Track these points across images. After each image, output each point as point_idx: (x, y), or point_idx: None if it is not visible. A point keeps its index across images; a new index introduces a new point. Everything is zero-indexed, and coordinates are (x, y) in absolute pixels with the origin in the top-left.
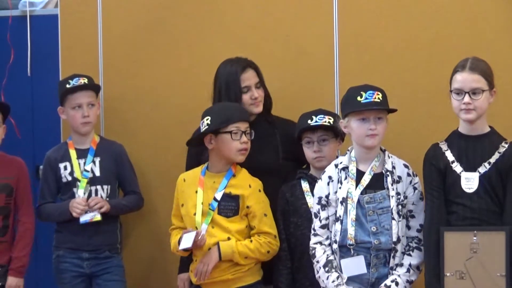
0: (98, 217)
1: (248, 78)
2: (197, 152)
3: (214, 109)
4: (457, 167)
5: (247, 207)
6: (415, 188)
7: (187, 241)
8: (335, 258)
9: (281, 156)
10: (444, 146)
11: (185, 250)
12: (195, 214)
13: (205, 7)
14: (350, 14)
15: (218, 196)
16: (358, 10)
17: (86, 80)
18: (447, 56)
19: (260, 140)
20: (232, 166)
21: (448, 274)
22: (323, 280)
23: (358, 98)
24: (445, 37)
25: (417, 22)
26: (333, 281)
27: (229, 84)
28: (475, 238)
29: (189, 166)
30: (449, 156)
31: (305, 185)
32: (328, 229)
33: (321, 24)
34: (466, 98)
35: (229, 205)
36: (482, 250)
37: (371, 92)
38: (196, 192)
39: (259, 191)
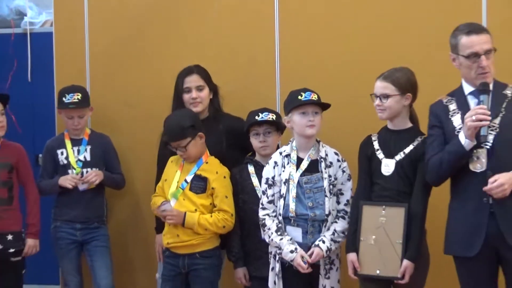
0: (93, 185)
1: (190, 81)
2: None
3: (164, 125)
4: (379, 154)
5: (212, 188)
6: (343, 171)
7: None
8: (283, 227)
9: (226, 146)
10: (374, 137)
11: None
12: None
13: (171, 25)
14: (289, 28)
15: (189, 178)
16: (296, 25)
17: (79, 96)
18: (374, 65)
19: (206, 134)
20: (203, 156)
21: (362, 239)
22: (276, 242)
23: (299, 97)
24: (374, 47)
25: (350, 32)
26: (288, 240)
27: (176, 85)
28: (383, 211)
29: (160, 166)
30: (376, 145)
31: (251, 168)
32: (273, 204)
33: (265, 37)
34: (377, 101)
35: (199, 184)
36: (388, 221)
37: (309, 92)
38: (177, 171)
39: (224, 177)
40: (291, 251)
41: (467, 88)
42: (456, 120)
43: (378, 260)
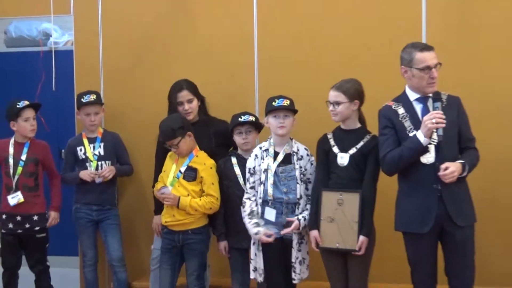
0: (107, 179)
1: (182, 96)
2: (163, 153)
3: (159, 128)
4: (335, 149)
5: (201, 177)
6: (311, 163)
7: (165, 189)
8: (257, 210)
9: (215, 145)
10: (329, 135)
11: (162, 193)
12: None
13: (170, 45)
14: (265, 48)
15: (182, 169)
16: (271, 45)
17: (94, 96)
18: (334, 77)
19: (199, 135)
20: (194, 150)
21: (322, 219)
22: (246, 223)
23: (273, 103)
24: (334, 63)
25: (315, 52)
26: (252, 224)
27: (170, 99)
28: (341, 196)
29: (158, 160)
30: (331, 142)
31: (234, 160)
32: (254, 189)
33: (245, 55)
34: (331, 107)
35: (190, 174)
36: (344, 204)
37: (282, 99)
38: (173, 164)
39: (211, 168)
40: (256, 233)
41: (412, 95)
42: (407, 123)
43: (337, 235)
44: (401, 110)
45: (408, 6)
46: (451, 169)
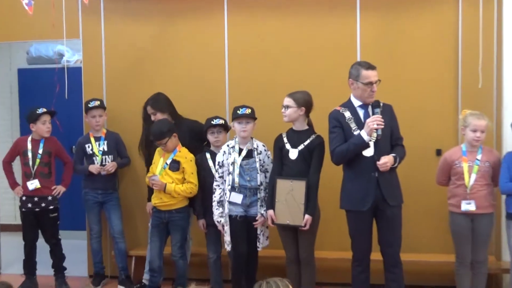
0: (109, 172)
1: (148, 110)
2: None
3: (150, 130)
4: (287, 146)
5: (183, 167)
6: (268, 157)
7: (154, 177)
8: (224, 197)
9: (189, 140)
10: (283, 135)
11: (152, 180)
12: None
13: (161, 63)
14: (235, 65)
15: (168, 161)
16: (239, 63)
17: (99, 102)
18: (291, 89)
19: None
20: (177, 147)
21: (277, 201)
22: (213, 208)
23: (238, 111)
24: (292, 77)
25: (277, 68)
26: (218, 213)
27: (143, 110)
28: (291, 183)
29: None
30: (285, 139)
31: (208, 155)
32: (222, 178)
33: (218, 72)
34: (282, 109)
35: (174, 165)
36: (294, 189)
37: (245, 108)
38: (161, 157)
39: (191, 160)
40: (217, 221)
41: (356, 102)
42: (352, 124)
43: (288, 214)
44: (347, 114)
45: (346, 35)
46: (384, 160)
